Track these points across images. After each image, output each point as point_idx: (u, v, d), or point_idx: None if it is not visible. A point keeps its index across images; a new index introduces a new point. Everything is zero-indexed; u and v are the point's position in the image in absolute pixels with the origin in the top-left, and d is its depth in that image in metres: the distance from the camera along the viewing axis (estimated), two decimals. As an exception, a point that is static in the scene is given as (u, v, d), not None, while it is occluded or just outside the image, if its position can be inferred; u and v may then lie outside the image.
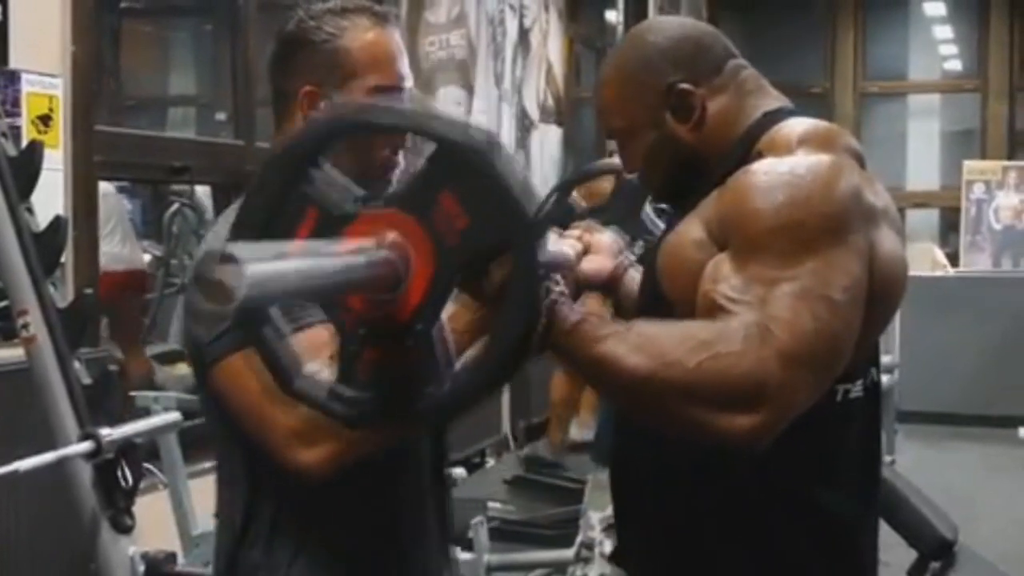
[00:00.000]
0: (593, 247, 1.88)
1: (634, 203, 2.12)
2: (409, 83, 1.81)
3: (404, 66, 1.80)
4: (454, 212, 1.20)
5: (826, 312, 1.45)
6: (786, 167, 1.55)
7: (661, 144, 1.69)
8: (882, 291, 1.55)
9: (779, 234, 1.49)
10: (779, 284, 1.45)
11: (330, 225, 1.22)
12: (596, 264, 1.87)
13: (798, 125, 1.64)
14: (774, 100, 1.71)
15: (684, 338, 1.40)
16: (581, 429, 6.17)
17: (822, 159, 1.56)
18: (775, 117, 1.66)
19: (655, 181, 1.76)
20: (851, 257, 1.50)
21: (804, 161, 1.55)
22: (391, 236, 1.20)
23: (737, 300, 1.45)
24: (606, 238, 1.91)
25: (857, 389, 1.64)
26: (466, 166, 1.21)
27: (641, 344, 1.39)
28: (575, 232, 1.90)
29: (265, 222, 1.24)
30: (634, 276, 1.86)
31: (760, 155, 1.59)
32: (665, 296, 1.61)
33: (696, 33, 1.74)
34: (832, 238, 1.49)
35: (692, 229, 1.59)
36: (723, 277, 1.48)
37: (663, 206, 2.05)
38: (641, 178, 1.78)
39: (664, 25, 1.78)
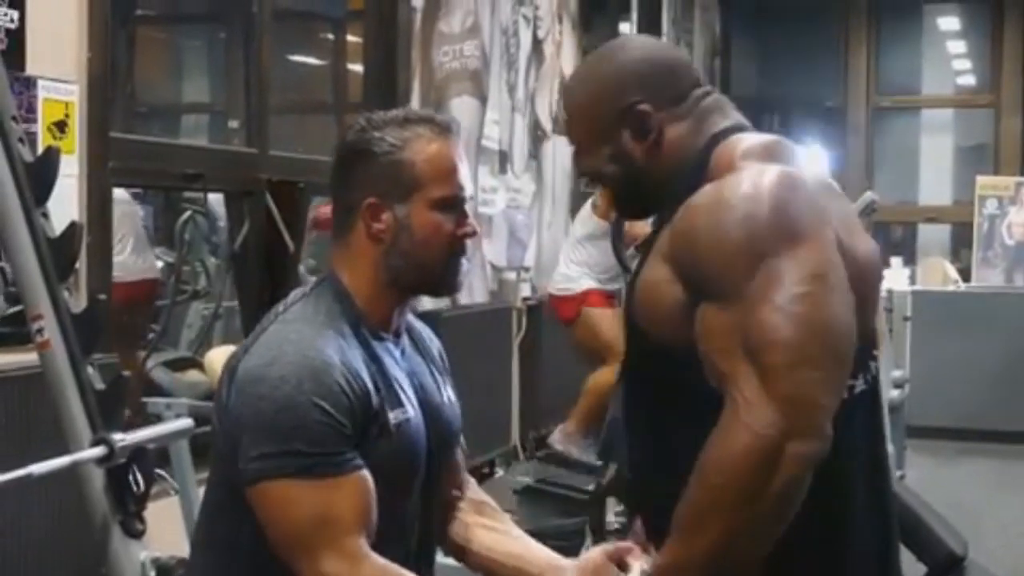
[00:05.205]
0: None
1: None
2: (469, 191, 1.82)
3: (466, 175, 1.82)
4: None
5: (807, 307, 1.48)
6: (725, 191, 1.57)
7: (613, 159, 1.73)
8: (855, 281, 1.57)
9: (736, 258, 1.52)
10: (754, 310, 1.49)
11: None
12: None
13: (741, 141, 1.67)
14: (726, 120, 1.73)
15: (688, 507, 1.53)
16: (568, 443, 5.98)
17: (764, 171, 1.58)
18: (722, 136, 1.69)
19: (607, 192, 1.80)
20: (817, 248, 1.53)
21: (744, 178, 1.58)
22: None
23: (723, 351, 1.51)
24: None
25: (860, 383, 1.65)
26: None
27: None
28: None
29: None
30: None
31: (711, 175, 1.63)
32: (643, 329, 1.66)
33: (665, 58, 1.76)
34: (791, 240, 1.52)
35: (656, 268, 1.64)
36: (708, 332, 1.54)
37: None
38: (591, 182, 1.83)
39: (636, 44, 1.80)
